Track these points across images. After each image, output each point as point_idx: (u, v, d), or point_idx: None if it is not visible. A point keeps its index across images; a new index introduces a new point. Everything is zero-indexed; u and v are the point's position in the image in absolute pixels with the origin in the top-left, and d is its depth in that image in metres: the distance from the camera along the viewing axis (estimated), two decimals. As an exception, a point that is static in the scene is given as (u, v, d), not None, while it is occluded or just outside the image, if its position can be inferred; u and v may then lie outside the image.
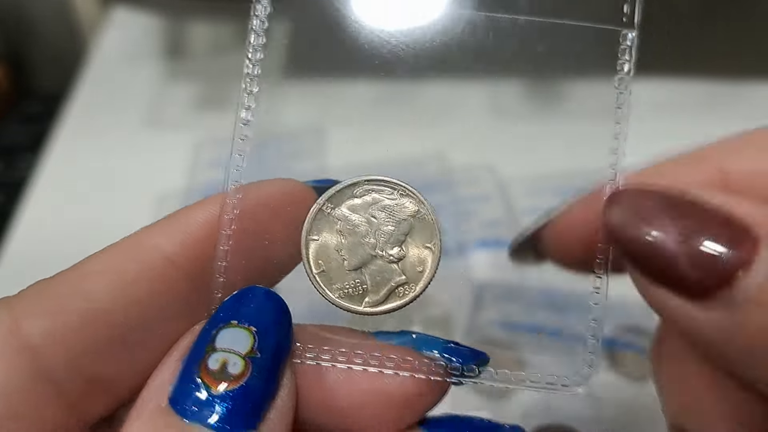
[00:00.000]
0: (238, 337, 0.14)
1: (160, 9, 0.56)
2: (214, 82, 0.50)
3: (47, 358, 0.14)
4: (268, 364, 0.14)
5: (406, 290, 0.17)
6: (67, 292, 0.15)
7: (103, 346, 0.15)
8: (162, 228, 0.16)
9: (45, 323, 0.14)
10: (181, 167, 0.43)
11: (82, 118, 0.48)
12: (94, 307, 0.15)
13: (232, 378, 0.14)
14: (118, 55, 0.53)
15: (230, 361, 0.14)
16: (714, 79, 0.48)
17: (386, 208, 0.17)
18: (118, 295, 0.15)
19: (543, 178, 0.40)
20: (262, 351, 0.14)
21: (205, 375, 0.14)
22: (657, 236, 0.14)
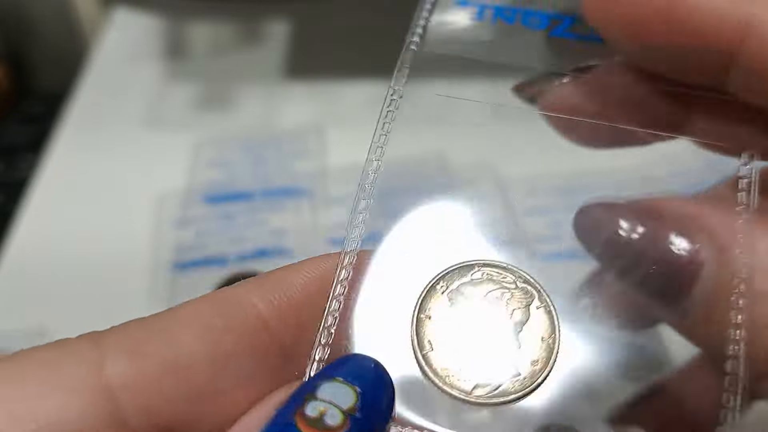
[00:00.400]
0: (340, 392, 0.14)
1: (161, 10, 0.56)
2: (214, 82, 0.50)
3: (125, 402, 0.14)
4: (368, 428, 0.14)
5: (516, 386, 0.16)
6: (155, 337, 0.15)
7: (181, 398, 0.14)
8: (259, 286, 0.15)
9: (128, 366, 0.14)
10: (181, 167, 0.43)
11: (82, 118, 0.48)
12: (179, 357, 0.14)
13: (329, 429, 0.13)
14: (119, 55, 0.53)
15: (329, 412, 0.13)
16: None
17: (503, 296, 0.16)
18: (205, 348, 0.14)
19: (542, 177, 0.40)
20: (363, 412, 0.14)
21: (300, 421, 0.13)
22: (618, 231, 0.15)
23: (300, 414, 0.13)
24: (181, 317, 0.15)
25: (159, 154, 0.45)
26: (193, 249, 0.39)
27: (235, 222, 0.40)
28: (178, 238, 0.39)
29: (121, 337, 0.15)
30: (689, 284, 0.15)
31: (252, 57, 0.52)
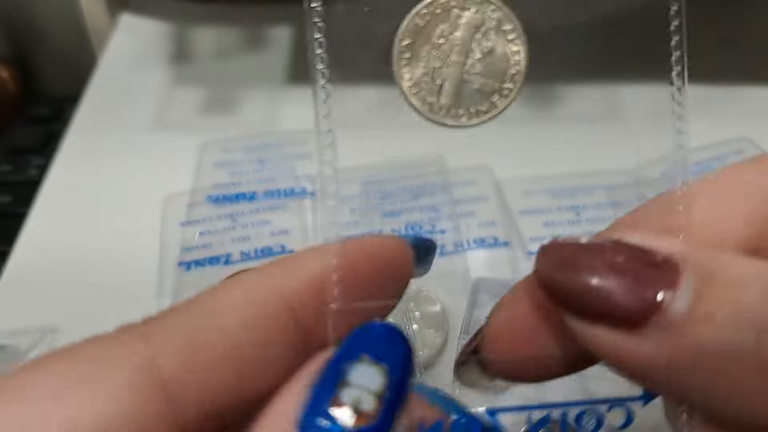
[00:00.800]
0: (371, 374, 0.14)
1: (167, 14, 0.56)
2: (219, 85, 0.51)
3: (178, 395, 0.14)
4: (396, 404, 0.14)
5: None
6: (201, 328, 0.15)
7: (230, 386, 0.15)
8: (281, 271, 0.16)
9: (180, 360, 0.14)
10: (187, 169, 0.44)
11: (90, 121, 0.49)
12: (226, 347, 0.15)
13: (364, 415, 0.14)
14: (126, 59, 0.54)
15: (363, 398, 0.14)
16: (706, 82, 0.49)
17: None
18: (248, 336, 0.15)
19: (538, 179, 0.41)
20: (391, 390, 0.14)
21: (336, 408, 0.14)
22: (584, 276, 0.15)
23: (336, 401, 0.14)
24: (219, 306, 0.15)
25: (165, 156, 0.45)
26: (198, 248, 0.39)
27: (239, 222, 0.41)
28: (184, 237, 0.40)
29: (168, 329, 0.15)
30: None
31: (256, 61, 0.53)
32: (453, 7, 0.16)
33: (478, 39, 0.16)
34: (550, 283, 0.16)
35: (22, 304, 0.37)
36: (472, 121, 0.17)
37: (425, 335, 0.34)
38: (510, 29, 0.17)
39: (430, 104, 0.17)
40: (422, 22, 0.17)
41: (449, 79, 0.17)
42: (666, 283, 0.14)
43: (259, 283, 0.16)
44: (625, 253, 0.15)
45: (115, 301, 0.37)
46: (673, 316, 0.14)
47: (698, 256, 0.15)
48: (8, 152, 0.50)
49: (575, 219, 0.39)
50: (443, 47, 0.17)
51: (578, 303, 0.15)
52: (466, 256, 0.38)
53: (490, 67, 0.17)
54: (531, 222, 0.39)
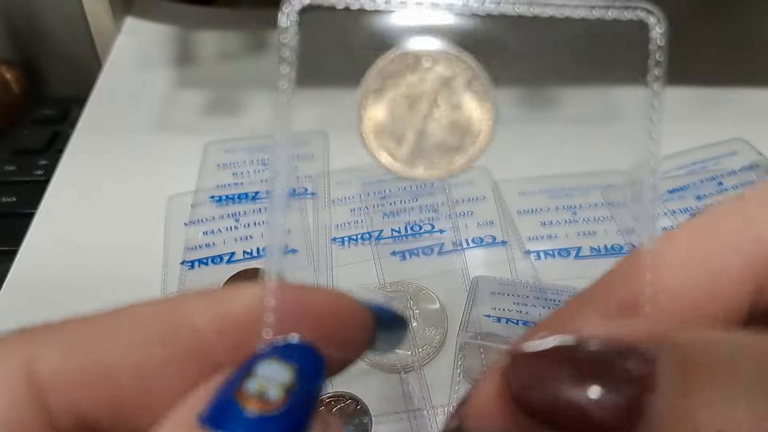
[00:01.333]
0: (279, 370, 0.14)
1: (171, 18, 0.57)
2: (223, 87, 0.51)
3: (53, 398, 0.14)
4: (306, 402, 0.14)
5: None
6: (89, 339, 0.15)
7: (107, 401, 0.15)
8: (203, 302, 0.15)
9: (58, 364, 0.14)
10: (191, 169, 0.44)
11: (95, 123, 0.49)
12: (107, 362, 0.14)
13: (269, 403, 0.13)
14: (130, 62, 0.54)
15: (269, 387, 0.14)
16: (702, 84, 0.49)
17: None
18: (136, 357, 0.15)
19: (535, 180, 0.42)
20: (302, 388, 0.14)
21: (240, 396, 0.13)
22: (557, 393, 0.14)
23: (241, 391, 0.14)
24: (119, 322, 0.15)
25: (169, 157, 0.46)
26: (202, 248, 0.40)
27: (241, 222, 0.41)
28: (188, 237, 0.40)
29: (55, 334, 0.15)
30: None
31: (259, 64, 0.53)
32: (424, 59, 0.16)
33: (445, 93, 0.16)
34: (524, 403, 0.14)
35: (27, 303, 0.38)
36: (429, 174, 0.16)
37: (425, 333, 0.34)
38: (479, 88, 0.16)
39: (389, 150, 0.16)
40: (393, 69, 0.16)
41: (411, 129, 0.16)
42: (642, 385, 0.13)
43: (174, 308, 0.15)
44: (595, 358, 0.14)
45: (120, 301, 0.37)
46: (655, 420, 0.13)
47: (675, 340, 0.13)
48: (13, 153, 0.50)
49: (572, 219, 0.39)
50: (410, 97, 0.16)
51: (555, 421, 0.14)
52: (464, 255, 0.38)
53: (455, 123, 0.16)
54: (528, 222, 0.40)
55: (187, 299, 0.16)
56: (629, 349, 0.14)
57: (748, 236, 0.15)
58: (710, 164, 0.42)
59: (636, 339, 0.14)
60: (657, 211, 0.16)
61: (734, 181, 0.40)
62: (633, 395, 0.13)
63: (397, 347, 0.18)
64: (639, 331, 0.14)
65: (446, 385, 0.32)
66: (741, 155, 0.42)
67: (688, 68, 0.50)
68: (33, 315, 0.37)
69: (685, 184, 0.40)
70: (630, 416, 0.13)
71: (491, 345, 0.33)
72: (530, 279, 0.36)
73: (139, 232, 0.41)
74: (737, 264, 0.15)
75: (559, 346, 0.14)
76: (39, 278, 0.39)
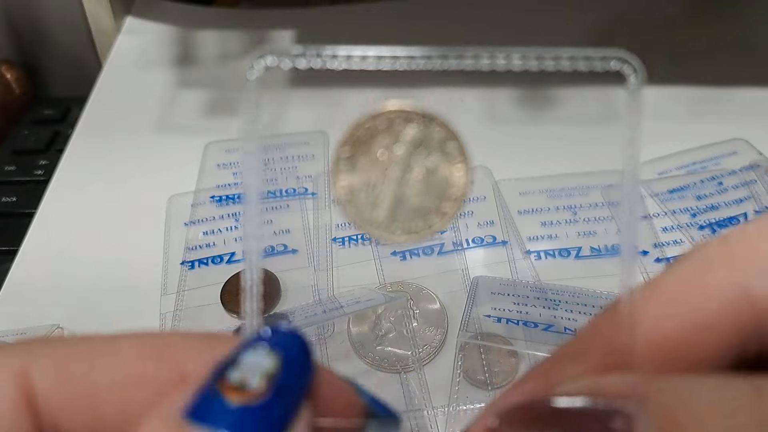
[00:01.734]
0: (262, 358, 0.14)
1: (172, 18, 0.57)
2: (223, 88, 0.51)
3: (43, 411, 0.14)
4: (288, 392, 0.14)
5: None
6: (84, 360, 0.15)
7: (93, 421, 0.15)
8: (191, 346, 0.15)
9: (52, 379, 0.14)
10: (190, 171, 0.44)
11: (95, 123, 0.49)
12: (98, 386, 0.15)
13: (251, 392, 0.13)
14: (131, 62, 0.54)
15: (251, 376, 0.14)
16: (703, 83, 0.49)
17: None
18: (127, 393, 0.15)
19: (535, 180, 0.42)
20: (286, 375, 0.14)
21: (223, 386, 0.13)
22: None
23: (224, 381, 0.14)
24: (113, 352, 0.15)
25: (169, 157, 0.46)
26: (202, 248, 0.40)
27: (242, 222, 0.41)
28: (188, 237, 0.40)
29: (52, 350, 0.15)
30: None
31: (258, 64, 0.53)
32: (397, 122, 0.16)
33: (419, 156, 0.16)
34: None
35: (27, 303, 0.38)
36: (407, 238, 0.16)
37: (425, 333, 0.34)
38: (453, 150, 0.16)
39: (364, 215, 0.16)
40: (365, 134, 0.16)
41: (386, 193, 0.16)
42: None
43: (169, 347, 0.15)
44: (573, 416, 0.14)
45: (120, 300, 0.37)
46: None
47: (656, 396, 0.13)
48: (14, 153, 0.50)
49: (572, 219, 0.39)
50: (383, 161, 0.16)
51: None
52: (465, 255, 0.38)
53: (430, 186, 0.16)
54: (528, 221, 0.40)
55: (179, 342, 0.16)
56: (608, 409, 0.13)
57: (732, 287, 0.15)
58: (710, 164, 0.42)
59: (616, 394, 0.14)
60: (637, 261, 0.16)
61: (734, 180, 0.40)
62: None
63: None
64: (619, 386, 0.14)
65: (446, 385, 0.32)
66: (741, 155, 0.42)
67: (688, 67, 0.50)
68: (33, 315, 0.37)
69: (685, 184, 0.40)
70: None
71: (491, 345, 0.33)
72: (530, 279, 0.36)
73: (139, 232, 0.41)
74: (722, 315, 0.15)
75: (539, 402, 0.14)
76: (39, 278, 0.39)
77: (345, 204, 0.16)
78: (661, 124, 0.44)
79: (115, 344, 0.15)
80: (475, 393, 0.32)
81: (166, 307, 0.37)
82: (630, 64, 0.15)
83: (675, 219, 0.38)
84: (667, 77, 0.49)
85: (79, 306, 0.37)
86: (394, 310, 0.35)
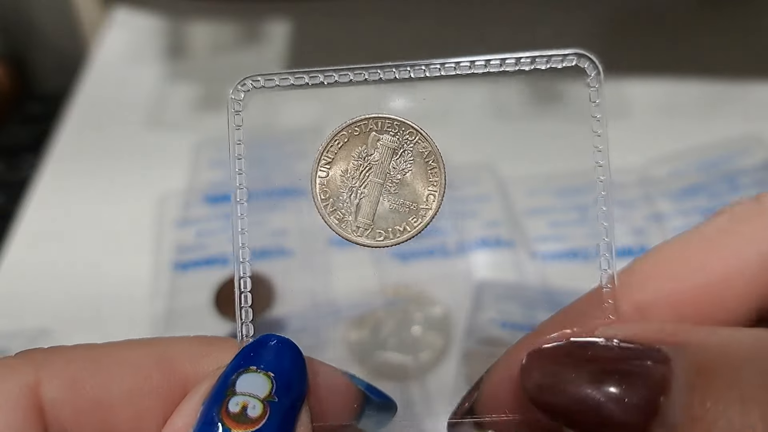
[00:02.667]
0: (257, 382, 0.15)
1: (162, 10, 0.56)
2: (214, 82, 0.50)
3: (51, 424, 0.15)
4: (285, 408, 0.15)
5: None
6: (92, 372, 0.16)
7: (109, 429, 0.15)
8: (190, 351, 0.17)
9: (61, 393, 0.15)
10: (182, 167, 0.43)
11: (83, 119, 0.48)
12: (106, 399, 0.15)
13: (251, 421, 0.14)
14: (120, 55, 0.53)
15: (250, 404, 0.15)
16: (713, 79, 0.48)
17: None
18: (134, 401, 0.16)
19: (542, 178, 0.41)
20: (280, 395, 0.15)
21: (225, 417, 0.14)
22: (573, 392, 0.14)
23: (225, 411, 0.15)
24: (118, 361, 0.16)
25: (160, 155, 0.45)
26: (194, 249, 0.39)
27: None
28: (179, 238, 0.39)
29: (60, 363, 0.16)
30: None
31: (252, 57, 0.53)
32: (371, 129, 0.17)
33: (396, 161, 0.17)
34: (540, 403, 0.15)
35: (14, 306, 0.37)
36: (389, 241, 0.17)
37: (427, 337, 0.33)
38: (427, 151, 0.17)
39: (347, 222, 0.17)
40: (341, 143, 0.17)
41: (367, 199, 0.17)
42: (658, 384, 0.13)
43: (168, 355, 0.16)
44: (613, 357, 0.14)
45: (108, 303, 0.37)
46: (669, 421, 0.13)
47: (689, 341, 0.14)
48: (2, 151, 0.50)
49: (580, 218, 0.38)
50: (361, 167, 0.17)
51: (572, 419, 0.14)
52: (468, 257, 0.37)
53: (408, 188, 0.17)
54: (536, 221, 0.39)
55: (180, 349, 0.16)
56: (646, 350, 0.14)
57: (763, 243, 0.16)
58: (722, 162, 0.41)
59: (651, 339, 0.14)
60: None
61: (748, 180, 0.39)
62: (649, 396, 0.13)
63: (382, 427, 0.19)
64: (654, 332, 0.14)
65: (449, 392, 0.31)
66: (753, 152, 0.41)
67: (699, 63, 0.49)
68: (19, 318, 0.36)
69: (697, 182, 0.39)
70: (645, 416, 0.13)
71: (497, 351, 0.32)
72: (538, 282, 0.35)
73: (128, 232, 0.40)
74: (747, 269, 0.16)
75: (576, 343, 0.15)
76: (25, 281, 0.38)
77: (326, 215, 0.17)
78: (672, 121, 0.44)
79: (120, 354, 0.16)
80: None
81: (156, 312, 0.36)
82: (586, 58, 0.16)
83: (687, 219, 0.37)
84: (678, 73, 0.48)
85: (66, 308, 0.36)
86: (394, 314, 0.34)
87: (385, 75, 0.17)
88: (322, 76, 0.18)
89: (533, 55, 0.17)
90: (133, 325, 0.35)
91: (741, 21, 0.53)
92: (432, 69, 0.17)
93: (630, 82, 0.46)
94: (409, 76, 0.17)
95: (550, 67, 0.17)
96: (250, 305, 0.17)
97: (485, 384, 0.18)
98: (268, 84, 0.18)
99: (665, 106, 0.46)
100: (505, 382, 0.17)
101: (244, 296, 0.17)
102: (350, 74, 0.18)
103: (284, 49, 0.52)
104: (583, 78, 0.17)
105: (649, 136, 0.43)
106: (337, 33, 0.53)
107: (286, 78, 0.18)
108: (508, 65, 0.17)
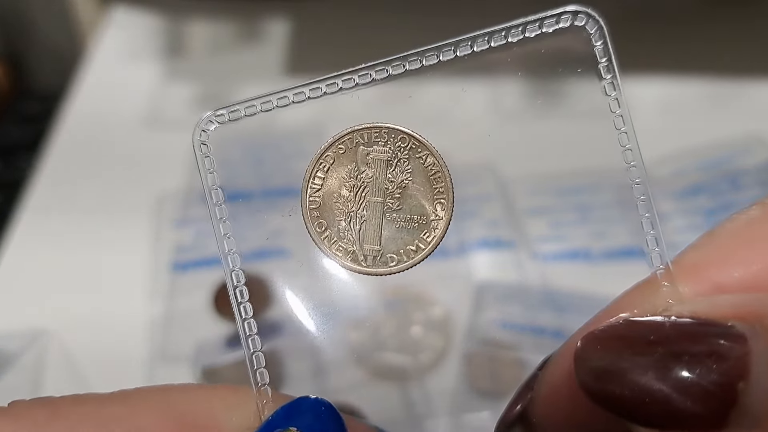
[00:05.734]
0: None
1: (160, 8, 0.56)
2: (213, 81, 0.50)
3: None
4: None
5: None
6: (113, 425, 0.15)
7: None
8: (195, 396, 0.15)
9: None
10: (180, 167, 0.43)
11: (81, 118, 0.48)
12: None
13: None
14: (118, 54, 0.53)
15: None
16: (718, 77, 0.48)
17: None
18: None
19: (544, 177, 0.41)
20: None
21: None
22: (635, 381, 0.12)
23: None
24: (138, 409, 0.15)
25: (158, 154, 0.45)
26: (192, 249, 0.38)
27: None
28: (178, 238, 0.39)
29: (79, 415, 0.14)
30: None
31: (251, 56, 0.52)
32: (358, 144, 0.15)
33: (392, 173, 0.15)
34: (597, 395, 0.13)
35: (11, 305, 0.37)
36: (403, 264, 0.15)
37: (427, 338, 0.33)
38: (425, 156, 0.15)
39: (353, 253, 0.15)
40: (327, 165, 0.15)
41: (368, 223, 0.15)
42: (736, 368, 0.11)
43: (164, 399, 0.15)
44: (679, 336, 0.12)
45: (107, 304, 0.36)
46: (750, 411, 0.11)
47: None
48: (1, 151, 0.49)
49: (581, 218, 0.38)
50: (355, 188, 0.15)
51: (636, 413, 0.12)
52: (468, 258, 0.37)
53: (411, 201, 0.15)
54: (537, 222, 0.38)
55: (185, 399, 0.15)
56: (717, 328, 0.12)
57: None
58: (723, 161, 0.41)
59: (722, 315, 0.12)
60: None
61: (750, 179, 0.39)
62: (725, 381, 0.11)
63: None
64: (725, 307, 0.12)
65: (449, 393, 0.31)
66: (755, 152, 0.41)
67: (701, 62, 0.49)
68: (19, 317, 0.36)
69: (699, 182, 0.39)
70: (722, 406, 0.11)
71: (497, 353, 0.32)
72: (538, 282, 0.35)
73: (126, 232, 0.40)
74: None
75: (637, 323, 0.13)
76: (23, 282, 0.38)
77: (329, 252, 0.15)
78: (674, 120, 0.44)
79: (131, 405, 0.15)
80: (479, 402, 0.31)
81: (155, 312, 0.36)
82: (584, 13, 0.15)
83: (689, 219, 0.37)
84: (680, 72, 0.48)
85: (64, 308, 0.36)
86: (394, 315, 0.34)
87: (361, 80, 0.15)
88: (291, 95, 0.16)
89: (524, 22, 0.15)
90: (131, 327, 0.35)
91: (743, 20, 0.53)
92: (411, 62, 0.15)
93: (631, 81, 0.46)
94: (388, 74, 0.15)
95: (543, 32, 0.15)
96: (247, 300, 0.16)
97: (542, 381, 0.15)
98: (233, 116, 0.16)
99: (667, 106, 0.45)
100: (563, 383, 0.14)
101: (239, 292, 0.16)
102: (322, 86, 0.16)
103: (283, 49, 0.52)
104: (583, 35, 0.15)
105: (651, 135, 0.43)
106: (337, 33, 0.53)
107: (253, 106, 0.16)
108: (496, 40, 0.15)
